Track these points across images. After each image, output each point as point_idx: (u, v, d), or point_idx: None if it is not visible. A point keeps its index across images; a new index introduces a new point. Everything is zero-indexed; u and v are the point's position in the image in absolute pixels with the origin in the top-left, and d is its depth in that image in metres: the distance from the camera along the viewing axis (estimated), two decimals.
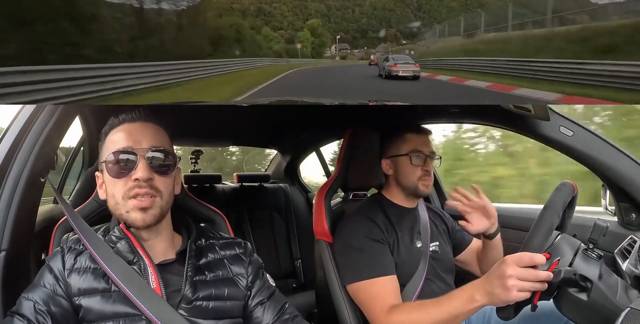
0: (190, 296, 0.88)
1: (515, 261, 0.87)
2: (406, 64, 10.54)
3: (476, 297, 0.93)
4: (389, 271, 1.18)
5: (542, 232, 0.89)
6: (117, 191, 0.86)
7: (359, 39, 45.78)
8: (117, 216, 0.89)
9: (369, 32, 46.53)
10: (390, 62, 10.92)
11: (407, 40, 41.61)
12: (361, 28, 47.32)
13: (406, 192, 1.33)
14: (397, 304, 1.13)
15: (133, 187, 0.85)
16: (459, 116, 1.61)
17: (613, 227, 1.33)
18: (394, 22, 46.99)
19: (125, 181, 0.86)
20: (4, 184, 1.02)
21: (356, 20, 48.27)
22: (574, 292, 0.89)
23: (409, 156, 1.30)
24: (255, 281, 0.98)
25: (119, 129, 0.91)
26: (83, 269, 0.86)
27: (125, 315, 0.83)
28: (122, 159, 0.86)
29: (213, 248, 0.98)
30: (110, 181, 0.88)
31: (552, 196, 0.95)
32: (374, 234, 1.21)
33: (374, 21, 47.90)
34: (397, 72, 10.30)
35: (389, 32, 44.13)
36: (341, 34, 43.57)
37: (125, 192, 0.85)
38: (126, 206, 0.86)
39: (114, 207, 0.88)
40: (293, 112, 1.87)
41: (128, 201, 0.85)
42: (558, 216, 0.92)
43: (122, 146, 0.88)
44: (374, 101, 1.96)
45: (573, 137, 1.22)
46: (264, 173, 2.88)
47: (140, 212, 0.85)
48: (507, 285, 0.86)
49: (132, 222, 0.87)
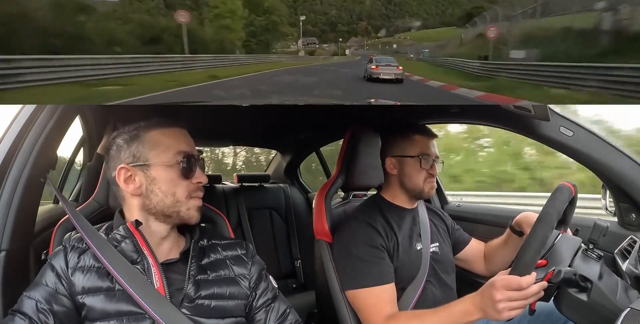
0: (193, 294, 0.88)
1: (504, 285, 0.88)
2: (388, 66, 10.22)
3: (473, 312, 0.96)
4: (386, 280, 1.18)
5: (535, 247, 0.88)
6: (181, 190, 0.92)
7: (327, 33, 41.80)
8: (172, 212, 0.92)
9: (338, 25, 42.98)
10: (373, 63, 10.52)
11: (384, 34, 38.89)
12: (330, 20, 43.71)
13: (410, 194, 1.33)
14: (394, 313, 1.14)
15: (196, 189, 0.94)
16: (459, 116, 1.61)
17: (613, 228, 1.33)
18: (364, 15, 43.95)
19: (189, 182, 0.93)
20: (4, 184, 1.02)
21: (324, 13, 44.56)
22: (574, 292, 0.89)
23: (418, 158, 1.30)
24: (259, 283, 0.98)
25: (172, 131, 0.95)
26: (87, 268, 0.87)
27: (129, 314, 0.84)
28: (191, 161, 0.93)
29: (215, 248, 0.99)
30: (170, 180, 0.92)
31: (545, 206, 0.94)
32: (373, 241, 1.21)
33: (344, 13, 44.34)
34: (378, 75, 9.96)
35: (359, 25, 41.28)
36: (309, 27, 39.44)
37: (189, 193, 0.93)
38: (187, 205, 0.93)
39: (172, 204, 0.92)
40: (293, 112, 1.87)
41: (190, 200, 0.93)
42: (551, 228, 0.91)
43: (185, 148, 0.94)
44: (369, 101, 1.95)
45: (573, 137, 1.22)
46: (264, 173, 2.87)
47: (198, 211, 0.94)
48: (498, 308, 0.89)
49: (189, 219, 0.94)
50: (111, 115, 1.42)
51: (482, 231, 1.73)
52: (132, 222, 0.90)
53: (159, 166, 0.91)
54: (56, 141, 1.16)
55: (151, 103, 4.80)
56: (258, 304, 0.96)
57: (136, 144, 0.92)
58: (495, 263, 1.38)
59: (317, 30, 42.61)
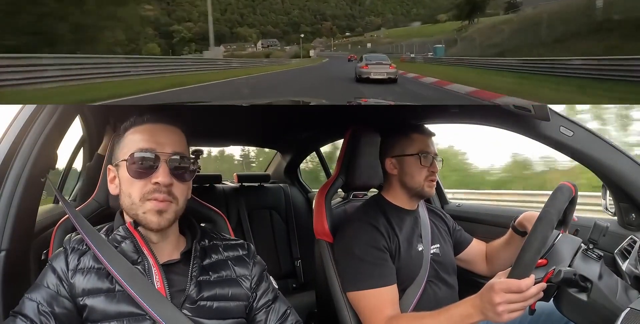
0: (195, 296, 0.88)
1: (503, 288, 0.89)
2: (379, 65, 9.32)
3: (473, 315, 0.97)
4: (388, 281, 1.18)
5: (535, 247, 0.88)
6: (135, 191, 0.86)
7: (290, 34, 39.17)
8: (131, 216, 0.89)
9: (301, 26, 40.32)
10: (362, 62, 9.64)
11: (350, 33, 36.19)
12: (292, 21, 41.27)
13: (410, 193, 1.33)
14: (395, 315, 1.14)
15: (152, 191, 0.86)
16: (458, 116, 1.61)
17: (613, 228, 1.33)
18: (329, 15, 41.68)
19: (145, 183, 0.86)
20: (4, 184, 1.03)
21: (286, 13, 41.95)
22: (574, 292, 0.89)
23: (418, 156, 1.30)
24: (260, 284, 0.98)
25: (142, 128, 0.91)
26: (87, 269, 0.86)
27: (129, 315, 0.83)
28: (145, 159, 0.86)
29: (217, 248, 0.98)
30: (127, 180, 0.88)
31: (546, 205, 0.94)
32: (376, 242, 1.21)
33: (307, 13, 42.12)
34: (368, 75, 9.12)
35: (324, 25, 39.54)
36: (269, 28, 35.94)
37: (144, 194, 0.86)
38: (143, 208, 0.86)
39: (129, 207, 0.88)
40: (293, 112, 1.87)
41: (146, 202, 0.86)
42: (552, 228, 0.91)
43: (144, 146, 0.88)
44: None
45: (573, 137, 1.22)
46: (264, 173, 2.88)
47: (156, 215, 0.86)
48: (498, 311, 0.89)
49: (146, 224, 0.87)
50: (111, 115, 1.42)
51: (483, 230, 1.73)
52: (131, 223, 0.90)
53: (121, 165, 0.89)
54: (56, 141, 1.16)
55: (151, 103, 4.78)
56: (258, 305, 0.96)
57: (118, 144, 0.92)
58: (497, 264, 1.38)
59: (279, 31, 39.37)
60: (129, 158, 0.87)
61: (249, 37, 24.70)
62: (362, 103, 1.78)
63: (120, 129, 0.93)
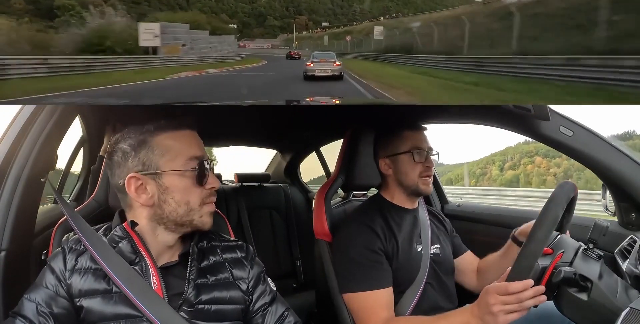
0: (193, 299, 0.87)
1: (497, 290, 0.89)
2: (325, 62, 9.36)
3: (471, 322, 0.96)
4: (383, 284, 1.18)
5: (535, 247, 0.88)
6: (194, 198, 0.89)
7: (251, 27, 31.41)
8: (185, 221, 0.89)
9: (268, 18, 33.48)
10: (309, 60, 9.70)
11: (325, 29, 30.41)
12: (258, 12, 33.77)
13: (407, 191, 1.32)
14: (390, 318, 1.14)
15: (209, 195, 0.92)
16: (458, 116, 1.61)
17: (613, 227, 1.33)
18: (304, 8, 35.41)
19: (202, 189, 0.90)
20: (4, 184, 1.03)
21: (251, 1, 34.56)
22: (574, 292, 0.89)
23: (411, 153, 1.29)
24: (257, 287, 0.97)
25: (180, 135, 0.90)
26: (84, 270, 0.85)
27: (126, 316, 0.83)
28: (203, 167, 0.89)
29: (215, 250, 0.97)
30: (183, 189, 0.88)
31: (555, 191, 0.94)
32: (371, 244, 1.20)
33: (278, 4, 35.46)
34: (313, 72, 9.15)
35: (297, 20, 33.86)
36: (223, 16, 28.57)
37: (203, 199, 0.90)
38: (201, 211, 0.90)
39: (185, 213, 0.89)
40: (293, 112, 1.87)
41: (204, 206, 0.91)
42: (562, 209, 0.92)
43: (197, 153, 0.90)
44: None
45: (573, 137, 1.22)
46: (264, 173, 2.88)
47: (210, 216, 0.92)
48: (493, 312, 0.89)
49: (202, 226, 0.91)
50: (111, 115, 1.42)
51: (483, 230, 1.73)
52: (128, 223, 0.89)
53: (171, 174, 0.87)
54: (56, 141, 1.16)
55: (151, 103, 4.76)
56: (255, 308, 0.95)
57: (145, 150, 0.87)
58: (488, 278, 1.30)
59: (238, 22, 30.69)
60: (187, 167, 0.88)
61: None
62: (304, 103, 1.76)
63: (136, 133, 0.88)
